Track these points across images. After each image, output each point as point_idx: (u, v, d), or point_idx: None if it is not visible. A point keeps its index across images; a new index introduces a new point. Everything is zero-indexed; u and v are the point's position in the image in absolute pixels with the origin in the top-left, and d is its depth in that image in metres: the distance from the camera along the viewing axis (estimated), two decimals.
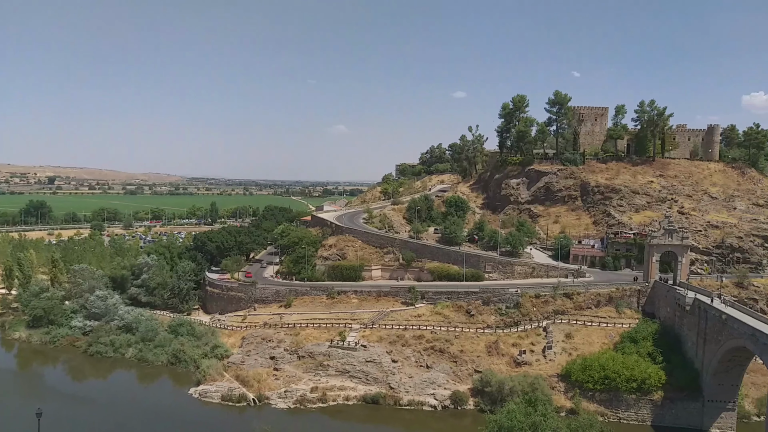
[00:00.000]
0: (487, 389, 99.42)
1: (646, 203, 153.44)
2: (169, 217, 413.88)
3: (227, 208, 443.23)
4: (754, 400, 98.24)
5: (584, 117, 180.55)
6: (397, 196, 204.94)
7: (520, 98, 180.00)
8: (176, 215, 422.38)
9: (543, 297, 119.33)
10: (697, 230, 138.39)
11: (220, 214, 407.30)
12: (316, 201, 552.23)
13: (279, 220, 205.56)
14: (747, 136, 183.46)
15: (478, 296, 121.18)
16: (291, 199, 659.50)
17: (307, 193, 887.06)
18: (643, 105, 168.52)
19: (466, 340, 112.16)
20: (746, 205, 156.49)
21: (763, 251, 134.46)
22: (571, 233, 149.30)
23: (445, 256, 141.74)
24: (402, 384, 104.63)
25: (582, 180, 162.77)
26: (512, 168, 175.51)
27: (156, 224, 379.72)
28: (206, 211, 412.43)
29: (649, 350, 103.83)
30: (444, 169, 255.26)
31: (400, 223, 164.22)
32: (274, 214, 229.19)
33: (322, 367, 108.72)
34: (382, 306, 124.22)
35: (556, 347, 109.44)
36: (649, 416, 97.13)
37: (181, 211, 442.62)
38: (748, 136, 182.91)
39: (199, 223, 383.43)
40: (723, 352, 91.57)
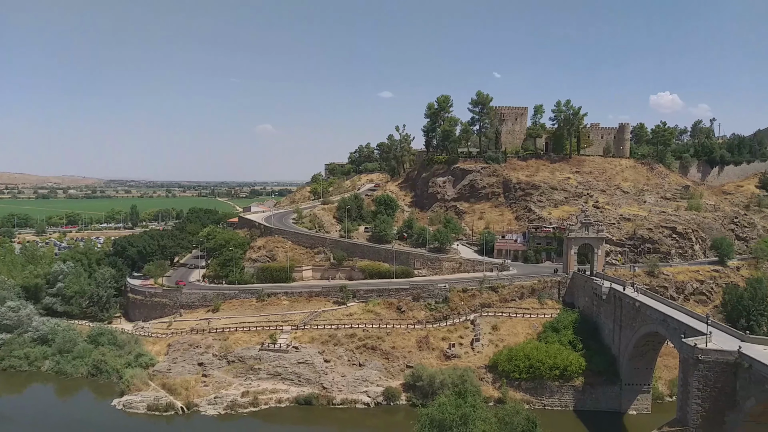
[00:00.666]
0: (419, 384, 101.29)
1: (564, 198, 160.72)
2: (86, 221, 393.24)
3: (149, 210, 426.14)
4: (667, 382, 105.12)
5: (505, 116, 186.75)
6: (327, 196, 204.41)
7: (445, 98, 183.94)
8: (94, 219, 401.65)
9: (470, 291, 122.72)
10: (611, 223, 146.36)
11: (142, 218, 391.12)
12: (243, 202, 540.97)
13: (204, 223, 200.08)
14: (655, 133, 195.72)
15: (408, 293, 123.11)
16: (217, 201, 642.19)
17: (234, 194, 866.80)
18: (560, 105, 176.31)
19: (397, 337, 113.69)
20: (655, 198, 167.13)
21: (671, 242, 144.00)
22: (495, 229, 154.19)
23: (376, 255, 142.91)
24: (335, 383, 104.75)
25: (504, 177, 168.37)
26: (438, 167, 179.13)
27: (71, 229, 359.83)
28: (126, 215, 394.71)
29: (570, 338, 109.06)
30: (373, 168, 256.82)
31: (330, 222, 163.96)
32: (199, 216, 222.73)
33: (253, 371, 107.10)
34: (313, 306, 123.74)
35: (484, 339, 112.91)
36: (571, 402, 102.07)
37: (99, 215, 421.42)
38: (655, 134, 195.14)
39: (118, 228, 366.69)
40: (637, 337, 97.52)
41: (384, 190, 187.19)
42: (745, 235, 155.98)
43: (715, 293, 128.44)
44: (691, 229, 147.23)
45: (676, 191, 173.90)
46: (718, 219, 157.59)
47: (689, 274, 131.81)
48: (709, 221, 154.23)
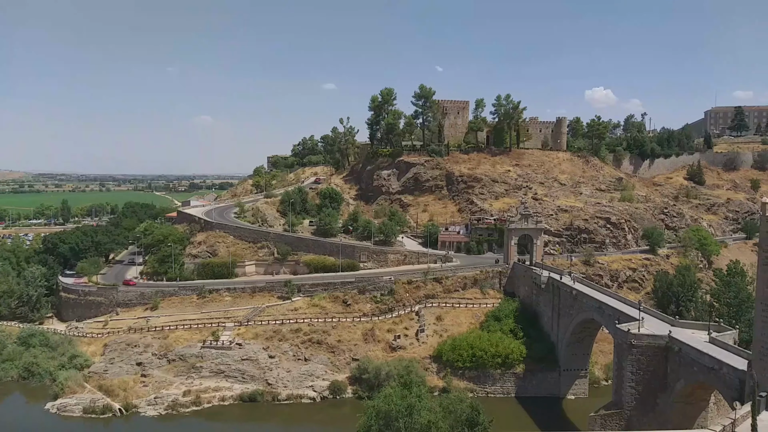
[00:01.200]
0: (365, 376, 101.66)
1: (505, 191, 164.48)
2: (14, 217, 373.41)
3: (81, 206, 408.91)
4: (603, 367, 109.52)
5: (448, 110, 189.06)
6: (270, 189, 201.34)
7: (388, 91, 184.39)
8: (22, 216, 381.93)
9: (415, 283, 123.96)
10: (550, 214, 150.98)
11: (74, 213, 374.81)
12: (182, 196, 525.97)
13: (141, 218, 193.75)
14: (590, 127, 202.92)
15: (354, 286, 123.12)
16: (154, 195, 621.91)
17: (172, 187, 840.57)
18: (500, 99, 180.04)
19: (343, 330, 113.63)
20: (590, 190, 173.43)
21: (605, 231, 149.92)
22: (439, 221, 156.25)
23: (321, 248, 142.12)
24: (280, 379, 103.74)
25: (447, 170, 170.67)
26: (383, 159, 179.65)
27: None
28: (57, 210, 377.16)
29: (511, 327, 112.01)
30: (317, 161, 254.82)
31: (274, 216, 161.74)
32: (135, 211, 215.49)
33: (194, 369, 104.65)
34: (257, 302, 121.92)
35: (428, 330, 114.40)
36: (513, 388, 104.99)
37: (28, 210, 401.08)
38: (591, 128, 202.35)
39: (49, 224, 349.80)
40: (575, 324, 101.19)
41: (329, 183, 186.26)
42: (674, 224, 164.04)
43: (646, 280, 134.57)
44: (624, 219, 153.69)
45: (610, 183, 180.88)
46: (649, 209, 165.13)
47: (623, 262, 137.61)
48: (640, 212, 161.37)
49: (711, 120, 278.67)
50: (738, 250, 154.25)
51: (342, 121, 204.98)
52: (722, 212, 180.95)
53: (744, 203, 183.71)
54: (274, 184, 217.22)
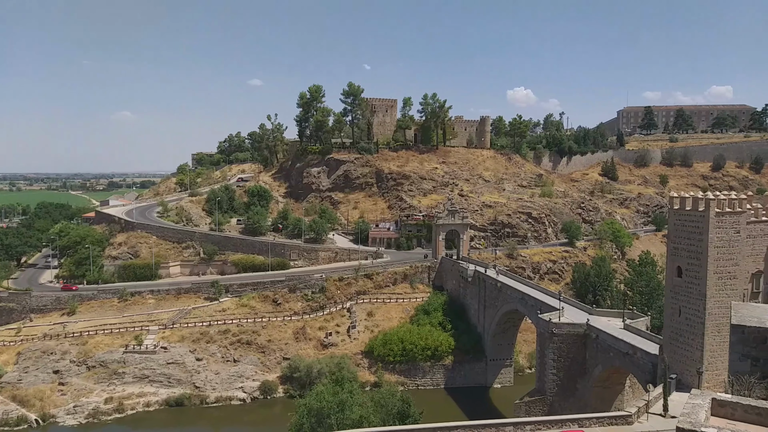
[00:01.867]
0: (296, 375, 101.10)
1: (432, 188, 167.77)
2: None
3: None
4: (527, 355, 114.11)
5: (376, 108, 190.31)
6: (195, 187, 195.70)
7: (317, 88, 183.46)
8: None
9: (346, 279, 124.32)
10: (475, 210, 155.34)
11: None
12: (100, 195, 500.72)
13: (56, 219, 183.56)
14: (512, 126, 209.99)
15: (284, 284, 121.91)
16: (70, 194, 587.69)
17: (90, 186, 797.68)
18: (427, 98, 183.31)
19: (273, 330, 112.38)
20: (513, 186, 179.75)
21: (527, 226, 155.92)
22: (369, 218, 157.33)
23: (250, 247, 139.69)
24: (208, 382, 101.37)
25: (377, 168, 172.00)
26: (312, 157, 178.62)
27: None
28: None
29: (440, 320, 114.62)
30: (244, 158, 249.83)
31: (199, 215, 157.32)
32: (49, 211, 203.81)
33: (117, 375, 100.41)
34: (182, 304, 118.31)
35: (360, 326, 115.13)
36: (442, 380, 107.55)
37: None
38: (513, 126, 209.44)
39: None
40: (499, 315, 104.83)
41: (257, 181, 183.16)
42: (591, 218, 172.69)
43: (566, 272, 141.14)
44: (545, 214, 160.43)
45: (531, 179, 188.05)
46: (568, 204, 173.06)
47: (543, 255, 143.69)
48: (559, 206, 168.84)
49: (623, 119, 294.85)
50: (649, 242, 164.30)
51: (270, 117, 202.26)
52: (634, 206, 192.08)
53: (654, 197, 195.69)
54: (199, 182, 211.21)
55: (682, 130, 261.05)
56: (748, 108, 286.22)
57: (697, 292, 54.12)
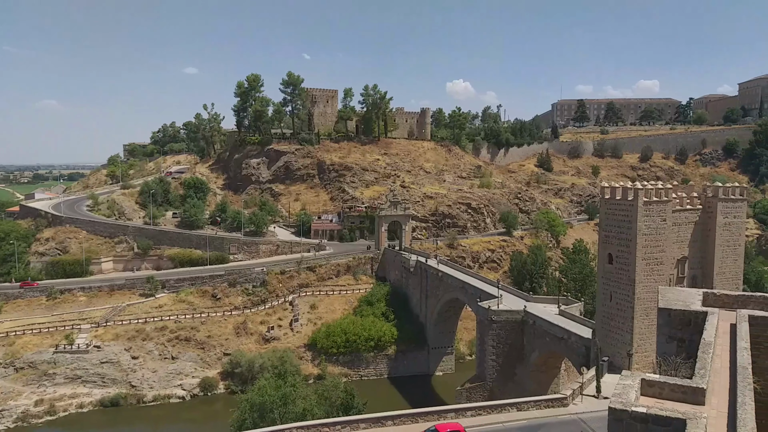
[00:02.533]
0: (237, 370, 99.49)
1: (375, 179, 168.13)
2: None
3: None
4: (467, 343, 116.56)
5: (317, 98, 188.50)
6: (128, 180, 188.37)
7: (255, 77, 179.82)
8: None
9: (288, 273, 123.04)
10: (416, 201, 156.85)
11: None
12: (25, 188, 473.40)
13: None
14: (452, 118, 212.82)
15: (224, 279, 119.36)
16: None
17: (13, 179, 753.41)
18: (368, 89, 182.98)
19: (213, 325, 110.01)
20: (453, 177, 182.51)
21: (467, 216, 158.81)
22: (312, 210, 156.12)
23: (187, 241, 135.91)
24: (145, 380, 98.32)
25: (318, 159, 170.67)
26: (252, 148, 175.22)
27: None
28: None
29: (383, 310, 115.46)
30: (180, 149, 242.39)
31: (132, 208, 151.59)
32: None
33: (47, 376, 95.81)
34: (116, 301, 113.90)
35: (303, 319, 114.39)
36: (386, 370, 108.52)
37: None
38: (452, 119, 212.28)
39: None
40: (441, 304, 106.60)
41: (193, 173, 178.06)
42: (527, 208, 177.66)
43: (504, 260, 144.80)
44: (484, 204, 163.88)
45: (471, 171, 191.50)
46: (505, 195, 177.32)
47: (483, 244, 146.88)
48: (497, 197, 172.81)
49: (557, 112, 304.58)
50: (582, 230, 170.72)
51: (206, 107, 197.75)
52: (568, 196, 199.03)
53: (586, 187, 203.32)
54: (131, 174, 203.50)
55: (612, 122, 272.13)
56: (674, 102, 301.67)
57: (627, 278, 56.72)
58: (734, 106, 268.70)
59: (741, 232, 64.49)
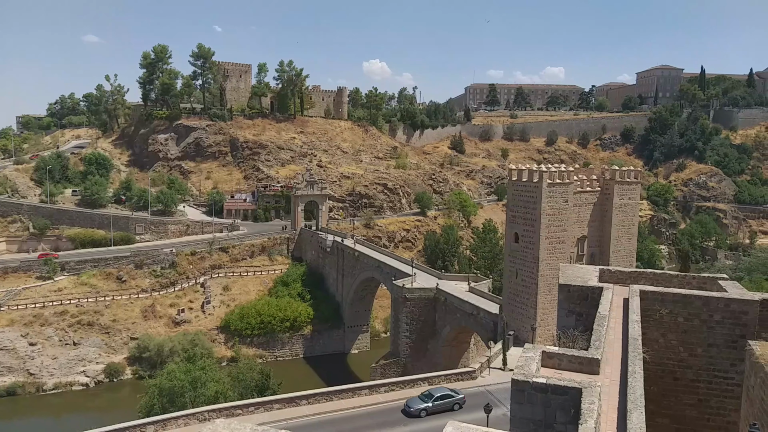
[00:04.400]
0: (146, 355, 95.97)
1: (291, 158, 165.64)
2: None
3: None
4: (382, 320, 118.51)
5: (229, 73, 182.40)
6: (21, 154, 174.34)
7: (162, 48, 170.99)
8: None
9: (199, 254, 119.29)
10: (333, 181, 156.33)
11: None
12: None
13: None
14: (368, 98, 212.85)
15: (129, 260, 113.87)
16: None
17: None
18: (283, 65, 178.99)
19: (118, 309, 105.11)
20: (370, 158, 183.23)
21: (383, 196, 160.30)
22: (224, 189, 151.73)
23: (89, 221, 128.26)
24: (45, 367, 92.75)
25: (231, 136, 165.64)
26: (159, 122, 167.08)
27: None
28: None
29: (299, 291, 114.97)
30: (80, 122, 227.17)
31: (27, 185, 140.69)
32: None
33: None
34: (10, 284, 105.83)
35: (215, 301, 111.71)
36: (301, 350, 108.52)
37: None
38: (369, 99, 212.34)
39: None
40: (357, 283, 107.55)
41: (95, 148, 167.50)
42: (441, 189, 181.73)
43: (418, 240, 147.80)
44: (399, 185, 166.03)
45: (387, 151, 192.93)
46: (420, 176, 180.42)
47: (398, 224, 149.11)
48: (413, 178, 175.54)
49: (470, 95, 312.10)
50: (491, 211, 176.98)
51: (108, 78, 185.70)
52: (479, 177, 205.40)
53: (496, 170, 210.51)
54: (26, 148, 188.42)
55: (521, 107, 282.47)
56: (578, 88, 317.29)
57: (532, 256, 59.70)
58: (632, 94, 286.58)
59: (635, 212, 69.47)
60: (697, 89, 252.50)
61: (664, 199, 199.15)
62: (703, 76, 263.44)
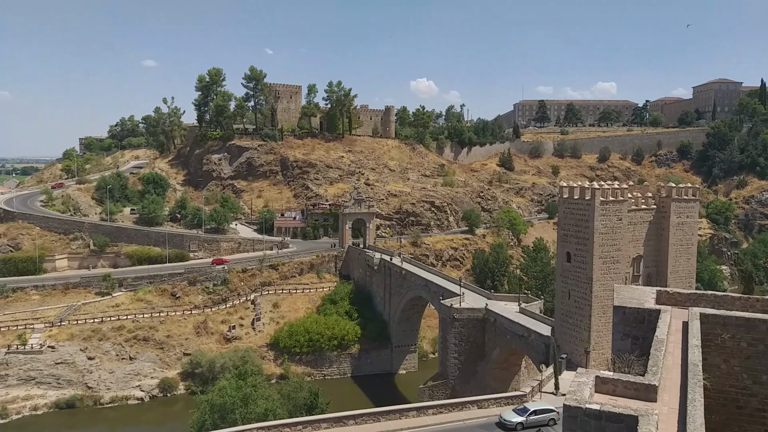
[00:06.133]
0: (198, 370, 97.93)
1: (339, 176, 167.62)
2: None
3: None
4: (430, 341, 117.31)
5: (280, 94, 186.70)
6: (84, 174, 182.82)
7: (216, 71, 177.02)
8: None
9: (250, 271, 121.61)
10: (381, 199, 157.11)
11: None
12: None
13: None
14: (416, 116, 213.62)
15: (183, 277, 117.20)
16: None
17: None
18: (332, 85, 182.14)
19: (172, 324, 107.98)
20: (417, 176, 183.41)
21: (430, 214, 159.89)
22: (275, 207, 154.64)
23: (145, 238, 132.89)
24: (102, 381, 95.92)
25: (282, 155, 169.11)
26: (213, 143, 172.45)
27: None
28: None
29: (347, 309, 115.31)
30: (139, 143, 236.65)
31: (88, 204, 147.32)
32: None
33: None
34: (71, 299, 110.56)
35: (265, 318, 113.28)
36: (349, 369, 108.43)
37: None
38: (416, 117, 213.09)
39: None
40: (404, 302, 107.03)
41: (152, 168, 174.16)
42: (489, 206, 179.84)
43: (466, 258, 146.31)
44: (447, 202, 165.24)
45: (434, 169, 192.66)
46: (468, 193, 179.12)
47: (446, 242, 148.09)
48: (460, 195, 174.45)
49: (519, 112, 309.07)
50: (542, 229, 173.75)
51: (165, 101, 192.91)
52: (529, 195, 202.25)
53: (546, 187, 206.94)
54: (88, 168, 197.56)
55: (572, 123, 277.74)
56: (631, 104, 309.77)
57: (585, 276, 58.00)
58: (688, 109, 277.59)
59: (693, 231, 66.73)
60: (757, 103, 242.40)
61: (724, 217, 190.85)
62: (764, 89, 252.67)
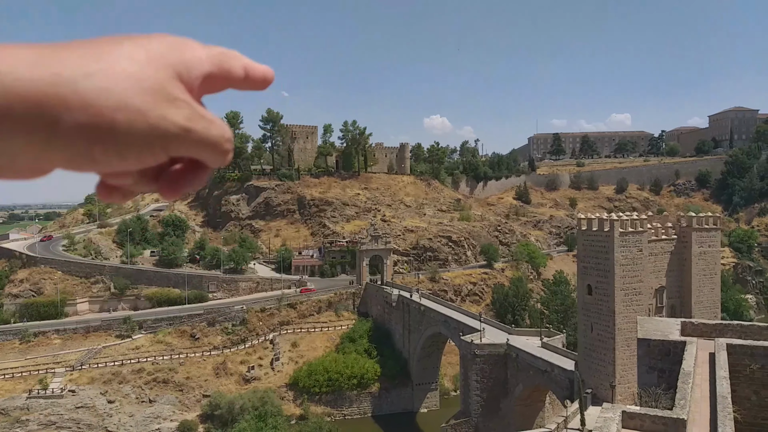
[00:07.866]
0: (217, 412, 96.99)
1: (355, 213, 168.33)
2: None
3: None
4: (451, 378, 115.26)
5: (297, 134, 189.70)
6: (105, 218, 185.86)
7: (234, 114, 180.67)
8: None
9: (268, 310, 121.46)
10: (397, 235, 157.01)
11: None
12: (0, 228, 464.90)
13: None
14: (430, 152, 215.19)
15: (202, 318, 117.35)
16: None
17: None
18: (347, 125, 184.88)
19: (192, 366, 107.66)
20: (433, 211, 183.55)
21: (448, 249, 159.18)
22: (292, 245, 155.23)
23: (165, 280, 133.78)
24: (122, 425, 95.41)
25: (298, 194, 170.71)
26: (231, 184, 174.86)
27: None
28: None
29: (366, 347, 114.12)
30: None
31: (109, 248, 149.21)
32: None
33: (19, 423, 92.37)
34: (92, 343, 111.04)
35: (284, 357, 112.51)
36: (369, 408, 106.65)
37: None
38: (431, 153, 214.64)
39: None
40: (424, 339, 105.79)
41: (172, 210, 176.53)
42: (507, 240, 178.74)
43: (486, 293, 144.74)
44: (464, 237, 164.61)
45: (450, 204, 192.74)
46: (485, 227, 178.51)
47: (464, 277, 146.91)
48: (477, 229, 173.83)
49: (534, 145, 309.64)
50: (561, 261, 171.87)
51: None
52: (547, 228, 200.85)
53: (564, 219, 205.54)
54: (109, 212, 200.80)
55: (587, 155, 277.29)
56: (646, 134, 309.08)
57: (607, 308, 57.00)
58: (705, 137, 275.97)
59: (716, 260, 65.62)
60: None
61: (747, 245, 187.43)
62: None
